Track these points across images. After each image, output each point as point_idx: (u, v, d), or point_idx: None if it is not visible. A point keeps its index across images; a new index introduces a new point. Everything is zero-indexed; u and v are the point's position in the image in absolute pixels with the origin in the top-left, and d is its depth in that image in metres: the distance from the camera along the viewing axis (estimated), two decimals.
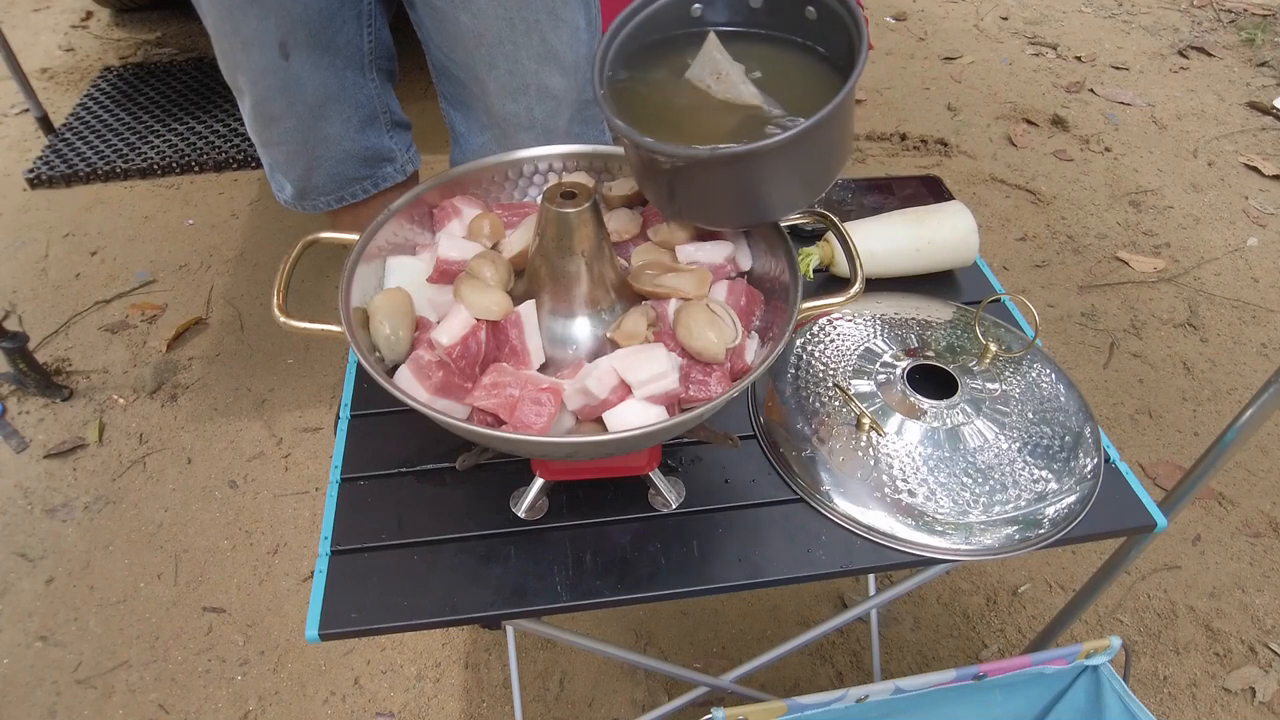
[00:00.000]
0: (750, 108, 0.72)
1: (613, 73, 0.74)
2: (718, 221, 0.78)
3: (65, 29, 2.93)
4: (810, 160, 0.71)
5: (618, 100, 0.73)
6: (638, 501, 0.81)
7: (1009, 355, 0.89)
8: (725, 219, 0.78)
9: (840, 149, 0.73)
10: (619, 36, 0.74)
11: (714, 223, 0.79)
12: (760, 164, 0.67)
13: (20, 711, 1.26)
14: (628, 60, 0.75)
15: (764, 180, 0.70)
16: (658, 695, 1.28)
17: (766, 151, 0.64)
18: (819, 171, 0.73)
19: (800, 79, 0.73)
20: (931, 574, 0.93)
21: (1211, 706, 1.28)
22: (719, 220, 0.78)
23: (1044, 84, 2.69)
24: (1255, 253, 2.08)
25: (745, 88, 0.72)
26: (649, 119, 0.72)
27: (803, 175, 0.71)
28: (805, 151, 0.68)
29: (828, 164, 0.73)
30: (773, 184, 0.71)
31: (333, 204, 1.25)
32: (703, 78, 0.74)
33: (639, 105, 0.73)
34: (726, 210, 0.75)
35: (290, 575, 1.42)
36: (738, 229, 0.81)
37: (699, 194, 0.73)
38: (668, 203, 0.76)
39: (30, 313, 1.89)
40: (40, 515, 1.50)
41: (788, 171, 0.70)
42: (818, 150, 0.70)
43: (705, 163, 0.66)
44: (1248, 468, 1.60)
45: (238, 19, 1.02)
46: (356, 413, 0.89)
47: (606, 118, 0.70)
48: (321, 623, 0.71)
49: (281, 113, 1.11)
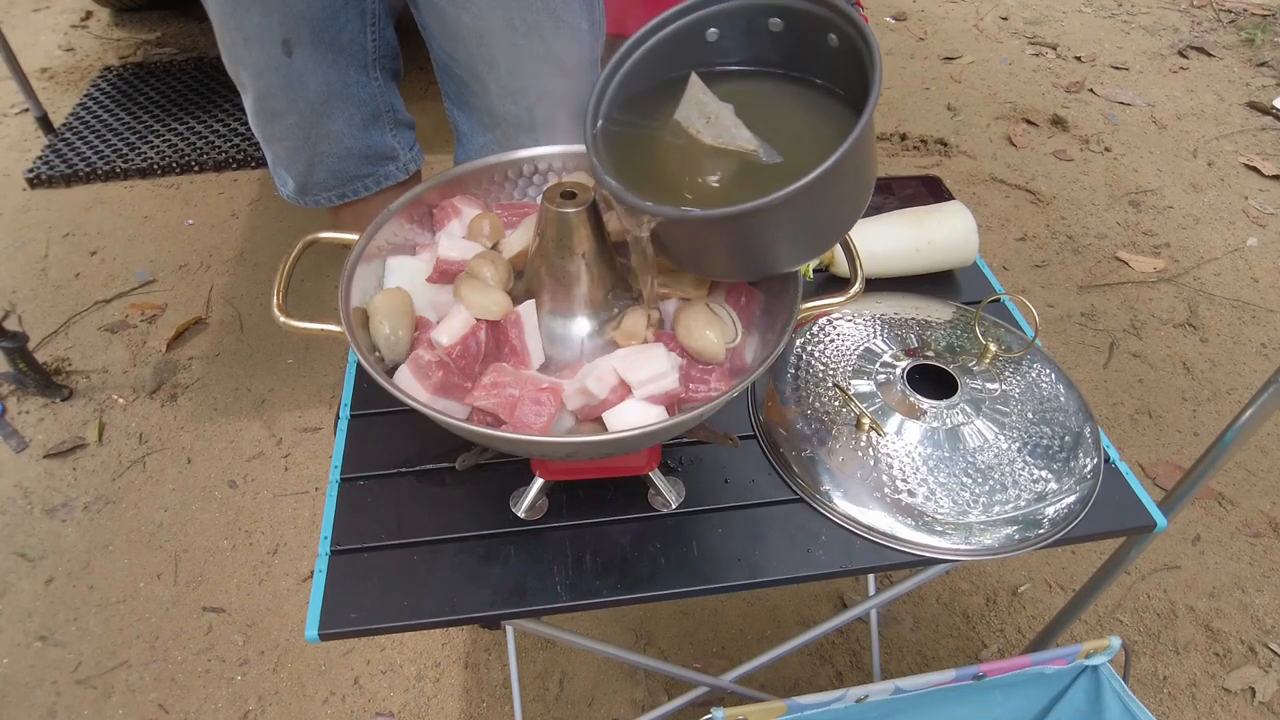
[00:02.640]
0: (745, 153, 0.66)
1: (609, 114, 0.69)
2: (713, 274, 0.74)
3: (65, 29, 2.93)
4: (814, 213, 0.63)
5: (610, 143, 0.68)
6: (638, 501, 0.81)
7: (1009, 355, 0.89)
8: (720, 272, 0.73)
9: (852, 202, 0.65)
10: (622, 69, 0.69)
11: (709, 274, 0.75)
12: (752, 222, 0.60)
13: (20, 711, 1.26)
14: (625, 103, 0.70)
15: (759, 237, 0.64)
16: (658, 695, 1.28)
17: (754, 211, 0.57)
18: (827, 226, 0.66)
19: (806, 119, 0.68)
20: (931, 574, 0.93)
21: (1211, 706, 1.28)
22: (714, 273, 0.74)
23: (1044, 84, 2.69)
24: (1255, 253, 2.08)
25: (738, 131, 0.66)
26: (639, 165, 0.67)
27: (806, 230, 0.65)
28: (806, 206, 0.61)
29: (836, 217, 0.66)
30: (770, 240, 0.64)
31: (334, 200, 1.25)
32: (690, 121, 0.68)
33: (630, 149, 0.69)
34: (720, 264, 0.71)
35: (290, 575, 1.42)
36: (737, 280, 0.77)
37: (688, 247, 0.69)
38: (661, 249, 0.70)
39: (30, 313, 1.89)
40: (40, 515, 1.50)
41: (788, 227, 0.63)
42: (822, 204, 0.62)
43: (689, 223, 0.61)
44: (1248, 468, 1.60)
45: (241, 14, 1.02)
46: (356, 413, 0.89)
47: (592, 166, 0.65)
48: (321, 623, 0.71)
49: (283, 109, 1.12)
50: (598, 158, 0.66)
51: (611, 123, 0.69)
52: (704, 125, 0.68)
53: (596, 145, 0.68)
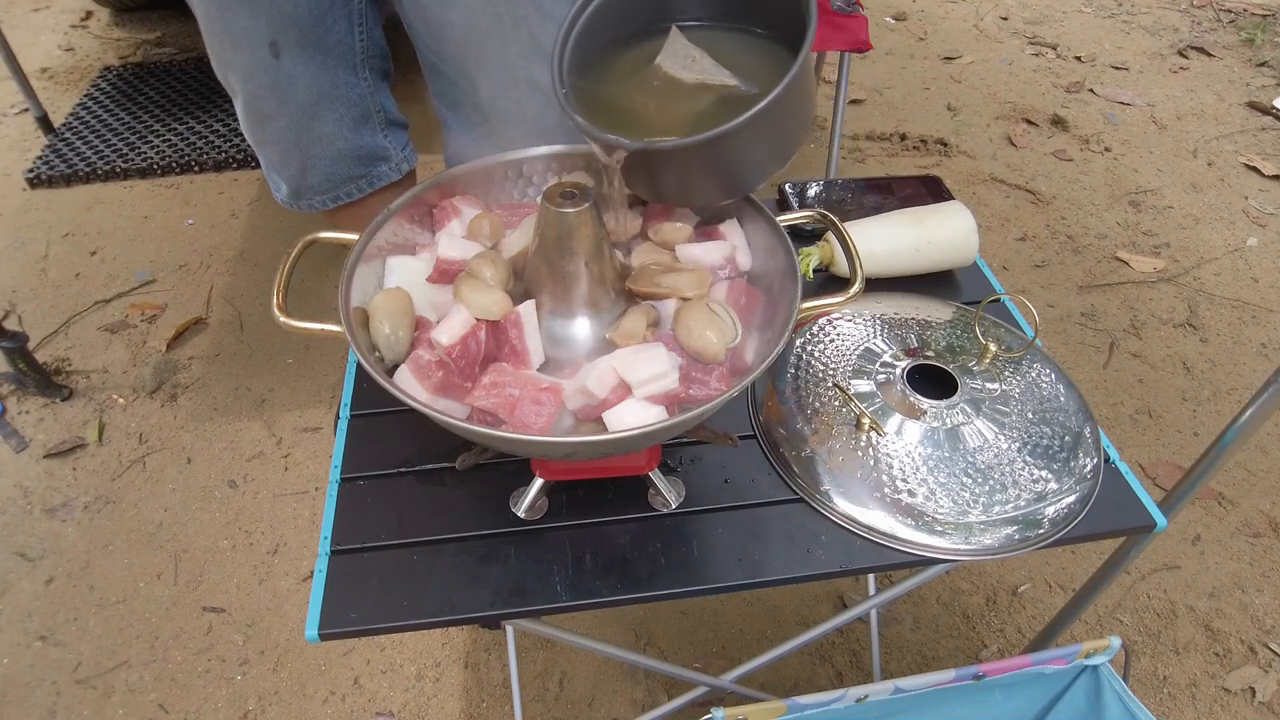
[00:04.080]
0: (726, 87, 0.75)
1: (573, 76, 0.76)
2: (696, 200, 0.81)
3: (65, 29, 2.93)
4: (778, 129, 0.74)
5: (582, 100, 0.75)
6: (638, 501, 0.81)
7: (1009, 355, 0.89)
8: (703, 197, 0.80)
9: (805, 116, 0.76)
10: (577, 27, 0.76)
11: (692, 201, 0.82)
12: (737, 139, 0.69)
13: (20, 711, 1.26)
14: (584, 66, 0.77)
15: (743, 151, 0.73)
16: (658, 695, 1.28)
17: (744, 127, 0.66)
18: (788, 139, 0.76)
19: (761, 60, 0.77)
20: (931, 574, 0.94)
21: (1211, 706, 1.28)
22: (698, 199, 0.81)
23: (1044, 84, 2.69)
24: (1255, 253, 2.08)
25: (718, 71, 0.75)
26: (618, 114, 0.74)
27: (772, 144, 0.75)
28: (774, 121, 0.70)
29: (795, 131, 0.77)
30: (750, 154, 0.73)
31: (328, 203, 1.25)
32: (674, 64, 0.77)
33: (606, 102, 0.75)
34: (705, 189, 0.78)
35: (290, 575, 1.42)
36: (715, 204, 0.84)
37: (678, 177, 0.75)
38: (647, 188, 0.79)
39: (30, 313, 1.89)
40: (40, 515, 1.50)
41: (759, 143, 0.73)
42: (786, 119, 0.73)
43: (685, 149, 0.68)
44: (1248, 468, 1.60)
45: (228, 18, 1.02)
46: (356, 413, 0.89)
47: (575, 122, 0.71)
48: (321, 622, 0.71)
49: (273, 111, 1.12)
50: (572, 108, 0.72)
51: (580, 75, 0.76)
52: (685, 68, 0.76)
53: (569, 99, 0.73)
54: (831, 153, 1.87)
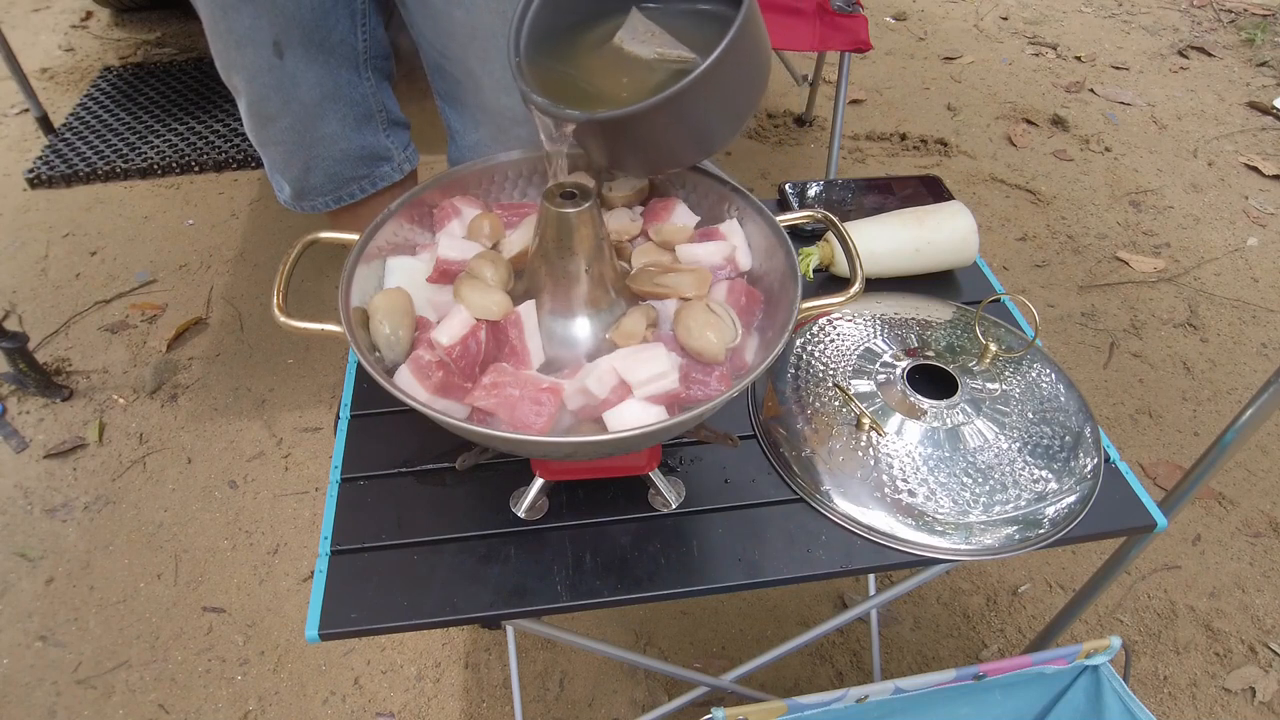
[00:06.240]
0: (683, 60, 0.76)
1: (534, 53, 0.77)
2: (664, 166, 0.81)
3: (65, 29, 2.93)
4: (734, 88, 0.74)
5: (541, 76, 0.75)
6: (638, 501, 0.81)
7: (1009, 355, 0.89)
8: (670, 161, 0.79)
9: (760, 73, 0.77)
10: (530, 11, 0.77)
11: (660, 168, 0.82)
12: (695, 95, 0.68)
13: (20, 711, 1.26)
14: (546, 45, 0.78)
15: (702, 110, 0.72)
16: (658, 695, 1.28)
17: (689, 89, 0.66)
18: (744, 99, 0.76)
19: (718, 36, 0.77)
20: (931, 574, 0.93)
21: (1211, 706, 1.28)
22: (666, 164, 0.80)
23: (1044, 84, 2.69)
24: (1255, 253, 2.08)
25: (676, 46, 0.77)
26: (578, 91, 0.75)
27: (732, 98, 0.75)
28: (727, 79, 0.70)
29: (750, 89, 0.76)
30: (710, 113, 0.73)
31: (330, 204, 1.25)
32: (632, 41, 0.79)
33: (566, 79, 0.76)
34: (670, 153, 0.77)
35: (290, 575, 1.42)
36: (682, 169, 0.84)
37: (642, 145, 0.75)
38: (606, 158, 0.78)
39: (30, 313, 1.89)
40: (40, 515, 1.50)
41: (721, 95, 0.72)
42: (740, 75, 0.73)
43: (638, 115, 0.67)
44: (1248, 468, 1.60)
45: (232, 18, 1.02)
46: (356, 413, 0.89)
47: (522, 91, 0.72)
48: (321, 623, 0.71)
49: (277, 111, 1.12)
50: (525, 83, 0.73)
51: (537, 52, 0.77)
52: (643, 44, 0.79)
53: (523, 72, 0.74)
54: (831, 153, 1.87)
